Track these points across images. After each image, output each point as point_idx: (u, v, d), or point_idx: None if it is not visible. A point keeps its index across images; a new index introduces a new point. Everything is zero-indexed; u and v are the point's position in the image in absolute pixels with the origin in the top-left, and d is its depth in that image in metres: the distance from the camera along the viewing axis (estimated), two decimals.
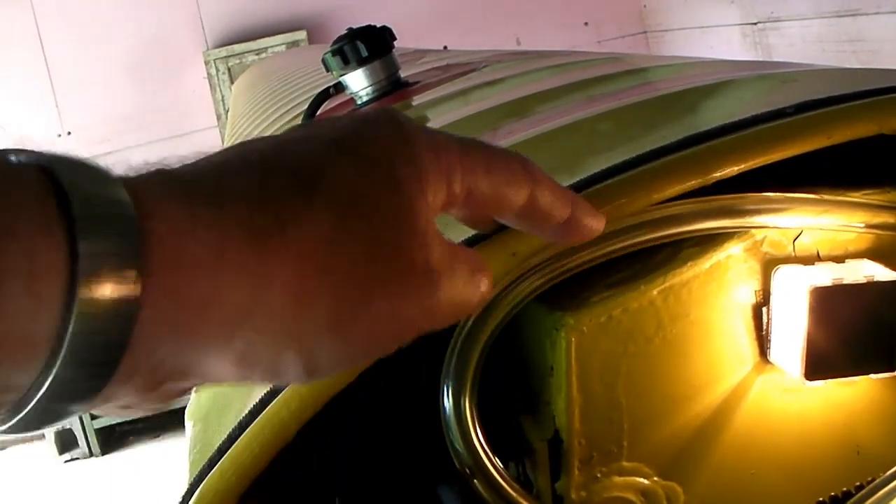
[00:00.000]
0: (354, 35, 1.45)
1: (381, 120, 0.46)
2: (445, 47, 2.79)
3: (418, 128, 0.47)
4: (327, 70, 1.50)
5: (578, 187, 0.62)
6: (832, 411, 0.68)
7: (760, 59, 5.75)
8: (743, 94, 0.88)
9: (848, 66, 1.01)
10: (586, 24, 7.04)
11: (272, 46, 6.32)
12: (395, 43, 1.50)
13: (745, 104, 0.79)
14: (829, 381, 0.65)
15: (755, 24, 6.10)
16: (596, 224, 0.53)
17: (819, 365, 0.64)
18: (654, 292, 0.63)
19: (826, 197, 0.65)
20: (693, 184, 0.62)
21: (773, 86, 0.89)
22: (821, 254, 0.67)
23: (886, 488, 0.63)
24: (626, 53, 1.55)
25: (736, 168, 0.62)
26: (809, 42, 5.67)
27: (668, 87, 0.97)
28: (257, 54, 6.31)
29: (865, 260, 0.66)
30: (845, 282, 0.63)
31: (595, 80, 1.09)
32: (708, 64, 1.12)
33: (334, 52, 1.46)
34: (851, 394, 0.68)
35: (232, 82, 6.09)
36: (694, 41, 6.68)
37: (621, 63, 1.24)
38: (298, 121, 1.60)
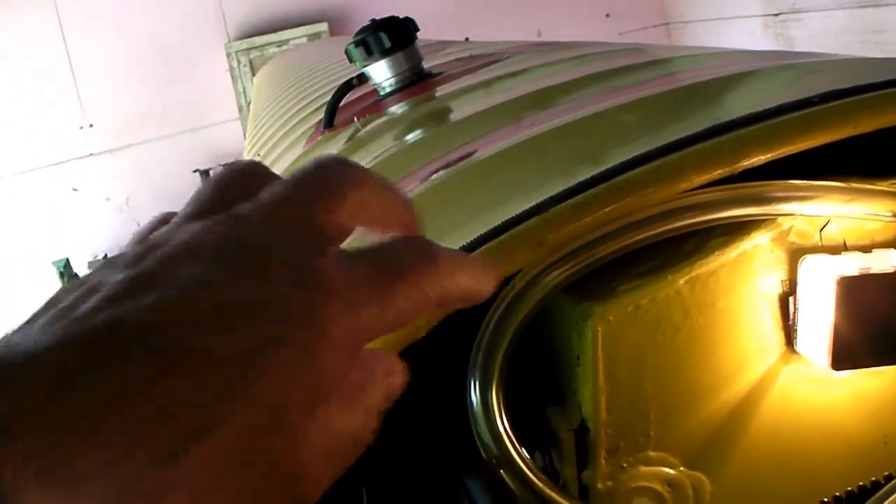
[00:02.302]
0: (377, 26, 1.45)
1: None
2: (467, 39, 2.78)
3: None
4: (350, 61, 1.50)
5: (606, 176, 0.62)
6: (859, 401, 0.68)
7: (782, 49, 5.73)
8: (767, 84, 0.87)
9: (871, 56, 1.00)
10: (608, 15, 7.03)
11: (294, 38, 6.33)
12: (418, 34, 1.50)
13: (770, 94, 0.79)
14: (856, 372, 0.65)
15: (777, 15, 6.09)
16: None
17: (846, 355, 0.63)
18: (681, 282, 0.63)
19: (853, 185, 0.65)
20: (720, 173, 0.61)
21: (798, 75, 0.89)
22: (847, 243, 0.66)
23: None
24: (648, 44, 1.54)
25: (763, 157, 0.62)
26: (831, 33, 5.65)
27: (692, 77, 0.97)
28: (279, 46, 6.32)
29: (893, 250, 0.66)
30: (872, 271, 0.63)
31: (618, 70, 1.09)
32: (731, 54, 1.11)
33: (357, 43, 1.46)
34: (878, 384, 0.68)
35: (253, 74, 6.10)
36: (715, 32, 6.67)
37: (643, 54, 1.24)
38: (321, 114, 1.60)
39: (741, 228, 0.64)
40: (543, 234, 0.60)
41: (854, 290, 0.62)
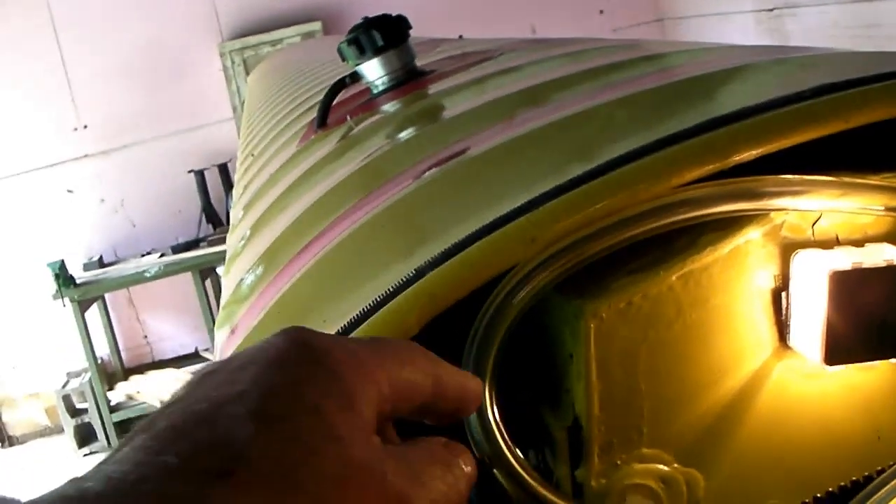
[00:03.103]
0: (370, 24, 1.45)
1: (289, 356, 0.44)
2: (461, 36, 2.78)
3: (330, 343, 0.46)
4: (343, 59, 1.50)
5: (598, 172, 0.62)
6: (852, 396, 0.68)
7: (776, 45, 5.73)
8: (760, 79, 0.87)
9: (866, 51, 1.00)
10: (601, 12, 7.03)
11: (287, 38, 6.32)
12: (411, 32, 1.50)
13: (762, 88, 0.79)
14: (850, 366, 0.65)
15: (771, 10, 6.08)
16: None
17: (839, 350, 0.63)
18: (674, 278, 0.63)
19: (845, 180, 0.65)
20: (712, 168, 0.61)
21: (791, 70, 0.89)
22: (840, 238, 0.66)
23: None
24: (641, 40, 1.54)
25: (755, 152, 0.62)
26: (825, 28, 5.64)
27: (685, 72, 0.96)
28: (272, 45, 6.31)
29: (885, 244, 0.66)
30: (865, 265, 0.62)
31: (611, 66, 1.09)
32: (724, 49, 1.11)
33: (350, 42, 1.46)
34: (872, 379, 0.68)
35: (247, 74, 6.10)
36: (709, 28, 6.67)
37: (637, 50, 1.24)
38: (314, 113, 1.59)
39: (733, 224, 0.64)
40: (535, 231, 0.60)
41: (846, 285, 0.62)
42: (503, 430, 0.62)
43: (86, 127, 6.43)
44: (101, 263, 6.36)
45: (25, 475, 5.88)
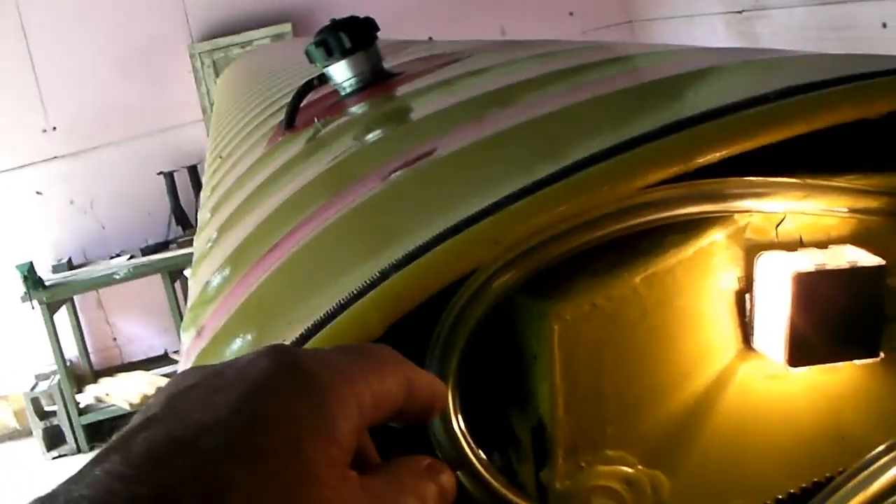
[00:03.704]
0: (337, 26, 1.45)
1: (272, 381, 0.44)
2: (430, 38, 2.78)
3: (313, 364, 0.46)
4: (311, 61, 1.49)
5: (561, 175, 0.62)
6: (816, 398, 0.68)
7: (745, 47, 5.75)
8: (726, 81, 0.88)
9: (833, 53, 1.01)
10: (571, 14, 7.04)
11: (257, 39, 6.31)
12: (379, 34, 1.50)
13: (727, 91, 0.79)
14: (813, 368, 0.65)
15: (740, 12, 6.11)
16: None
17: (802, 351, 0.64)
18: (638, 280, 0.63)
19: (809, 182, 0.65)
20: (675, 170, 0.61)
21: (757, 72, 0.89)
22: (804, 239, 0.67)
23: (866, 472, 0.63)
24: (610, 42, 1.55)
25: (718, 154, 0.62)
26: (794, 30, 5.67)
27: (653, 74, 0.97)
28: (242, 47, 6.30)
29: (848, 245, 0.66)
30: (828, 267, 0.63)
31: (580, 67, 1.09)
32: (692, 51, 1.12)
33: (318, 44, 1.45)
34: (835, 380, 0.68)
35: (217, 76, 6.08)
36: (679, 30, 6.69)
37: (606, 51, 1.24)
38: (282, 115, 1.59)
39: (698, 226, 0.64)
40: (498, 233, 0.60)
41: (810, 287, 0.62)
42: (467, 433, 0.62)
43: (55, 129, 6.39)
44: (70, 265, 6.33)
45: None
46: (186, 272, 5.91)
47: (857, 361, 0.66)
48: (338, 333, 0.60)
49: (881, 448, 0.62)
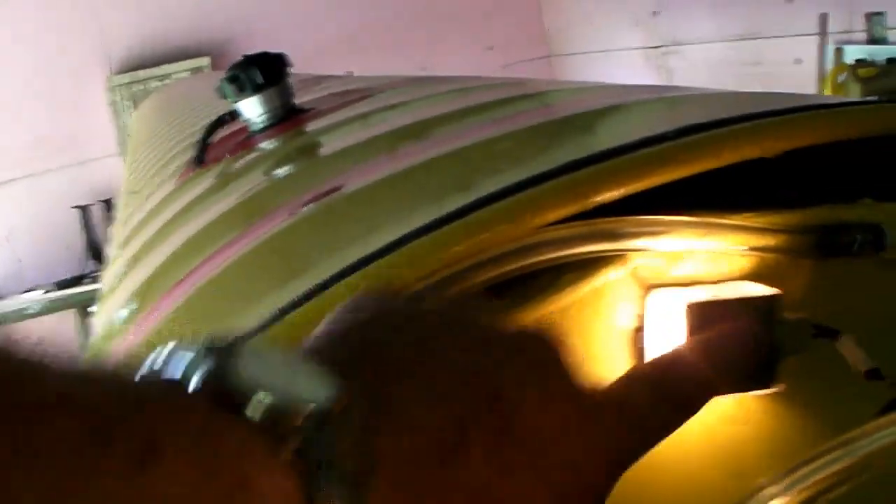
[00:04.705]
0: (249, 62, 1.44)
1: None
2: (351, 72, 2.79)
3: None
4: (223, 97, 1.49)
5: (460, 213, 0.62)
6: (713, 430, 0.69)
7: (663, 82, 5.83)
8: (631, 119, 0.89)
9: (749, 88, 1.03)
10: (491, 48, 7.10)
11: (176, 73, 6.28)
12: (298, 69, 1.50)
13: (632, 128, 0.80)
14: (710, 401, 0.66)
15: (658, 47, 6.19)
16: None
17: None
18: (533, 319, 0.63)
19: (707, 220, 0.66)
20: (573, 209, 0.62)
21: (661, 110, 0.90)
22: (701, 277, 0.67)
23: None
24: (527, 78, 1.56)
25: (615, 193, 0.62)
26: (711, 65, 5.76)
27: (563, 111, 0.97)
28: (161, 80, 6.26)
29: (743, 281, 0.67)
30: (720, 299, 0.63)
31: (494, 103, 1.10)
32: (604, 88, 1.13)
33: (230, 80, 1.45)
34: (732, 412, 0.68)
35: (135, 109, 6.04)
36: (598, 65, 6.77)
37: (521, 87, 1.25)
38: (192, 150, 1.58)
39: (594, 264, 0.64)
40: (392, 273, 0.60)
41: (704, 319, 0.63)
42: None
43: None
44: None
45: None
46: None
47: (752, 393, 0.66)
48: None
49: (764, 481, 0.62)
